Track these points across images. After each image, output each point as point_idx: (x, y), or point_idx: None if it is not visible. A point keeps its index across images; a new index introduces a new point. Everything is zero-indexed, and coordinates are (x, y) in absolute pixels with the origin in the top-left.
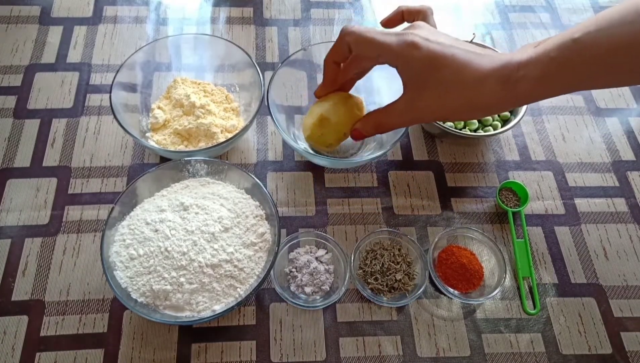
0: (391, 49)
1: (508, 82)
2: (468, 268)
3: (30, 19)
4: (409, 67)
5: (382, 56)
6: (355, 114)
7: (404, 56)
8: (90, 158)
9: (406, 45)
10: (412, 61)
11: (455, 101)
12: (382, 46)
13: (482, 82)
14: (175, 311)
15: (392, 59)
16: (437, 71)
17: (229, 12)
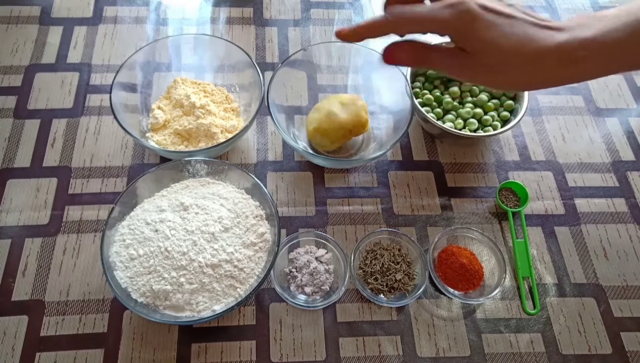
0: (447, 23)
1: (569, 61)
2: (468, 268)
3: (30, 19)
4: (467, 37)
5: (436, 31)
6: (361, 115)
7: (461, 28)
8: (91, 158)
9: (463, 16)
10: (471, 32)
11: (512, 74)
12: (435, 21)
13: (542, 59)
14: (175, 312)
15: (447, 32)
16: (496, 44)
17: (229, 13)
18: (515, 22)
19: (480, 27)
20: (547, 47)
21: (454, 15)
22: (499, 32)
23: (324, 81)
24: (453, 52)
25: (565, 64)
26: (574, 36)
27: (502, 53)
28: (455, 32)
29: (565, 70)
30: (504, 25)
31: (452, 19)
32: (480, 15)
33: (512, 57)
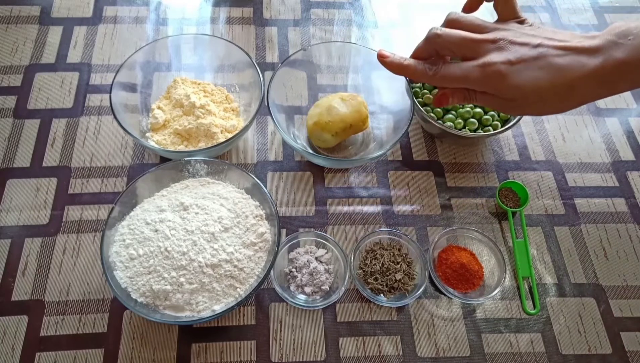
0: (478, 83)
1: (604, 84)
2: (468, 268)
3: (30, 19)
4: (500, 91)
5: (473, 88)
6: (362, 110)
7: (493, 86)
8: (90, 158)
9: (492, 76)
10: (502, 88)
11: (550, 105)
12: (467, 81)
13: (577, 87)
14: (175, 312)
15: (480, 89)
16: (530, 89)
17: (228, 12)
18: (543, 60)
19: (510, 82)
20: (581, 75)
21: (484, 77)
22: (529, 77)
23: (324, 81)
24: (495, 96)
25: (600, 86)
26: (607, 59)
27: (540, 93)
28: (489, 89)
29: (600, 91)
30: (533, 69)
31: (483, 80)
32: (508, 72)
33: (551, 94)
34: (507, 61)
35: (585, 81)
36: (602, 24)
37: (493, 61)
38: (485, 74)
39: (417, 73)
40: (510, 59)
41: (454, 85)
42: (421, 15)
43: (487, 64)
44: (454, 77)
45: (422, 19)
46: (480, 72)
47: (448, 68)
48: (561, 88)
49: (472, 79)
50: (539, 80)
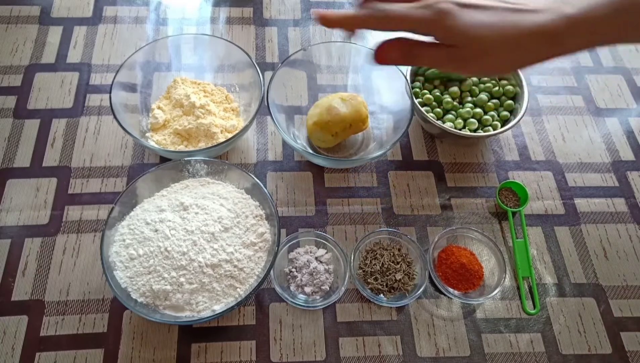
0: (424, 22)
1: (553, 40)
2: (468, 268)
3: (30, 19)
4: (447, 34)
5: (414, 29)
6: (361, 110)
7: (440, 25)
8: (90, 158)
9: (440, 15)
10: (450, 28)
11: (499, 59)
12: (411, 20)
13: (527, 41)
14: (175, 311)
15: (425, 30)
16: (478, 35)
17: (228, 12)
18: (495, 12)
19: (459, 23)
20: (530, 29)
21: (430, 15)
22: (479, 23)
23: (323, 81)
24: (439, 47)
25: (550, 43)
26: (556, 15)
27: (487, 42)
28: (435, 31)
29: (550, 49)
30: (483, 17)
31: (429, 18)
32: (457, 12)
33: (497, 44)
34: (458, 2)
35: (534, 37)
36: None
37: (445, 3)
38: (431, 12)
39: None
40: (460, 2)
41: (402, 25)
42: None
43: (435, 2)
44: (395, 15)
45: None
46: (424, 11)
47: (391, 5)
48: (509, 42)
49: (416, 18)
50: (486, 27)
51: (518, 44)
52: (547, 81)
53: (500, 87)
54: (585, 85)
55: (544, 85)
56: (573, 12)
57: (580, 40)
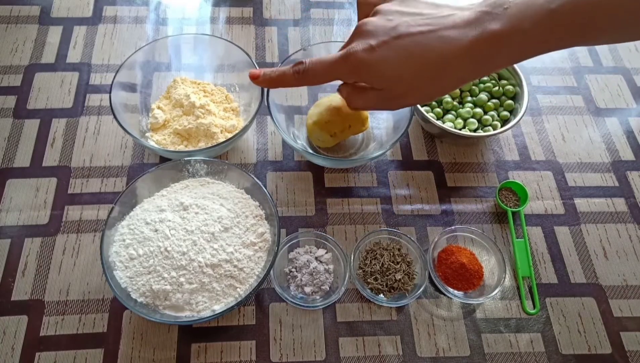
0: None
1: (483, 59)
2: (468, 268)
3: (30, 19)
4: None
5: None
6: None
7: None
8: (90, 157)
9: (356, 67)
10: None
11: (426, 92)
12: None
13: (452, 66)
14: (175, 311)
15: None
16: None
17: (228, 12)
18: (412, 39)
19: (375, 69)
20: (452, 54)
21: (350, 68)
22: (395, 62)
23: None
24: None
25: (476, 63)
26: (481, 33)
27: (407, 78)
28: (358, 79)
29: (476, 68)
30: (399, 51)
31: (350, 71)
32: (370, 58)
33: (416, 78)
34: (368, 47)
35: (459, 59)
36: None
37: (355, 49)
38: (350, 65)
39: (288, 79)
40: (372, 44)
41: (327, 80)
42: None
43: (350, 54)
44: (323, 72)
45: None
46: (345, 64)
47: (314, 64)
48: (430, 70)
49: (340, 72)
50: (403, 63)
51: (441, 70)
52: (547, 81)
53: (500, 87)
54: (585, 85)
55: (544, 85)
56: (500, 27)
57: (510, 57)
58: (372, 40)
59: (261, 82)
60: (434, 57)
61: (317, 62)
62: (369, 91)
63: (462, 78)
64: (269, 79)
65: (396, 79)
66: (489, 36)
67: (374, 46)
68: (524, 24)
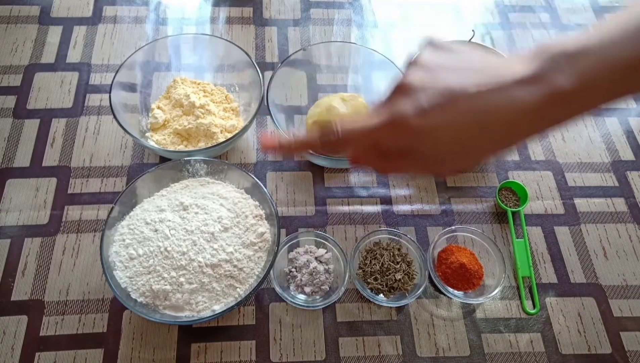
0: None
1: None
2: (468, 267)
3: (29, 19)
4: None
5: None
6: (362, 111)
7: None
8: (90, 157)
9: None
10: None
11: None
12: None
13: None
14: (174, 311)
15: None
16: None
17: (228, 12)
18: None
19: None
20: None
21: (394, 135)
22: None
23: (323, 81)
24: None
25: (542, 122)
26: (549, 90)
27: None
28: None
29: (542, 127)
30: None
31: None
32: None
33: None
34: (421, 111)
35: (526, 120)
36: None
37: (405, 113)
38: (399, 131)
39: (315, 150)
40: (424, 107)
41: (366, 146)
42: (421, 15)
43: (398, 118)
44: (362, 139)
45: (421, 19)
46: (392, 130)
47: (350, 132)
48: (493, 134)
49: (384, 138)
50: (462, 128)
51: (505, 132)
52: None
53: None
54: None
55: None
56: (570, 84)
57: (581, 113)
58: (423, 103)
59: (278, 153)
60: (498, 120)
61: (353, 129)
62: (413, 156)
63: (528, 135)
64: (288, 149)
65: (452, 146)
66: (558, 95)
67: (427, 109)
68: (597, 80)
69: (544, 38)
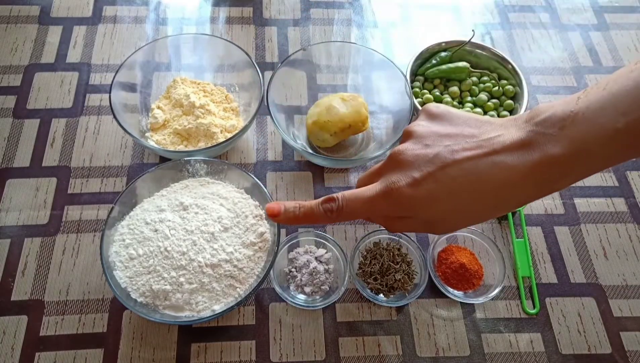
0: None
1: (544, 184)
2: (468, 268)
3: (29, 19)
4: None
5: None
6: (361, 111)
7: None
8: (90, 157)
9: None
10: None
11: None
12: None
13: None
14: (174, 311)
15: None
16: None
17: (228, 12)
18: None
19: (423, 205)
20: (514, 179)
21: (392, 204)
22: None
23: (323, 81)
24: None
25: (536, 188)
26: (540, 158)
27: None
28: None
29: (536, 193)
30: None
31: (393, 207)
32: (416, 196)
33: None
34: (412, 181)
35: (518, 186)
36: (602, 24)
37: (397, 184)
38: (393, 202)
39: (317, 218)
40: (415, 177)
41: (364, 217)
42: (421, 15)
43: (391, 190)
44: (359, 210)
45: (421, 19)
46: (386, 200)
47: (349, 201)
48: (486, 199)
49: (381, 208)
50: (453, 196)
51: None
52: (546, 81)
53: (500, 87)
54: (585, 85)
55: (543, 85)
56: (562, 151)
57: (575, 178)
58: (414, 173)
59: (282, 221)
60: (489, 186)
61: (352, 199)
62: (412, 220)
63: (521, 202)
64: (293, 217)
65: (446, 212)
66: (550, 161)
67: (418, 179)
68: (589, 146)
69: (544, 38)
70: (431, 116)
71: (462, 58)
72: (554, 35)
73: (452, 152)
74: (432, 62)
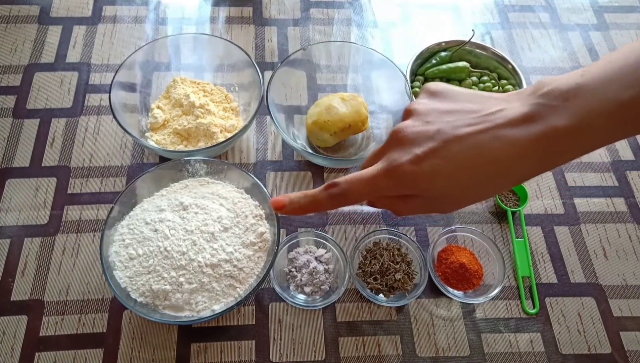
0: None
1: (548, 157)
2: (467, 267)
3: (29, 19)
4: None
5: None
6: (361, 111)
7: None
8: (90, 157)
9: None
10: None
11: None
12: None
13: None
14: (174, 311)
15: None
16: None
17: (228, 12)
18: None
19: (426, 182)
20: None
21: (395, 183)
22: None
23: (323, 81)
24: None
25: (540, 162)
26: (544, 130)
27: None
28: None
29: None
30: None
31: (396, 186)
32: (419, 172)
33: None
34: (414, 158)
35: (521, 159)
36: (602, 24)
37: (398, 161)
38: (395, 179)
39: (322, 203)
40: (417, 154)
41: (369, 197)
42: (421, 15)
43: (394, 167)
44: (363, 191)
45: (421, 19)
46: (389, 178)
47: (352, 184)
48: (489, 173)
49: (383, 187)
50: (456, 171)
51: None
52: None
53: (500, 86)
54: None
55: None
56: (566, 123)
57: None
58: (416, 149)
59: (289, 212)
60: (492, 160)
61: (354, 180)
62: (417, 199)
63: (525, 176)
64: (299, 207)
65: (450, 187)
66: (554, 133)
67: (420, 155)
68: (593, 119)
69: (544, 37)
70: (432, 93)
71: (462, 58)
72: (553, 35)
73: (453, 128)
74: (432, 62)
